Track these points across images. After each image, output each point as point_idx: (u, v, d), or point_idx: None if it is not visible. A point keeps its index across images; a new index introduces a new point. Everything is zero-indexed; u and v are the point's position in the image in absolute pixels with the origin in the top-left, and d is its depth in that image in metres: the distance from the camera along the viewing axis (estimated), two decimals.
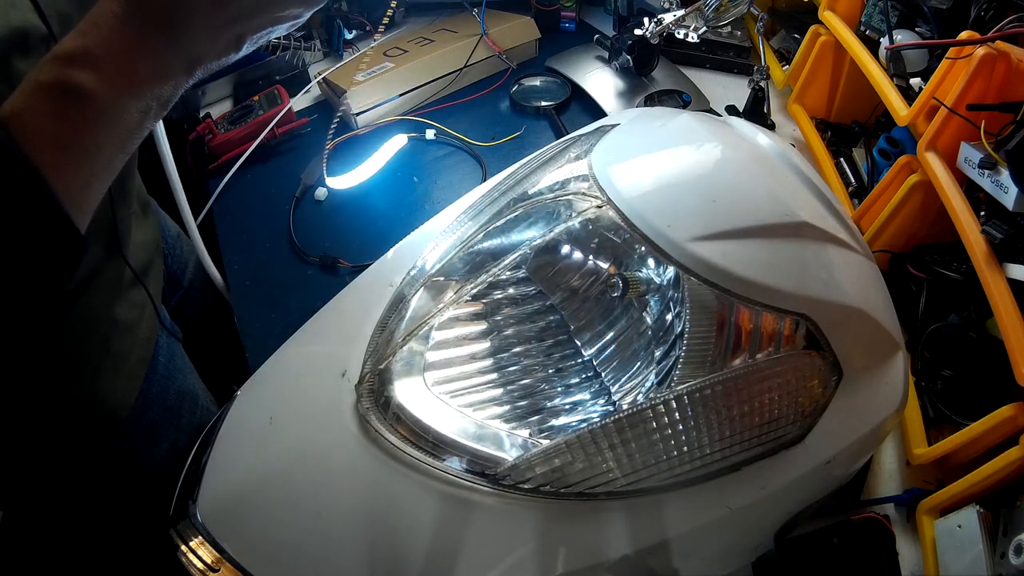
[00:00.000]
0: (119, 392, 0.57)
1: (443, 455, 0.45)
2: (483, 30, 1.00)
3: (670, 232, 0.44)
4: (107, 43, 0.33)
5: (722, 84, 0.99)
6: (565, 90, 0.98)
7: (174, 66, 0.35)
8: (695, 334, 0.44)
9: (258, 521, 0.44)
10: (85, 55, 0.32)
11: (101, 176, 0.35)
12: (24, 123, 0.31)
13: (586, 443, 0.43)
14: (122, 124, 0.34)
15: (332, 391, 0.48)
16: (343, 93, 0.92)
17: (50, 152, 0.32)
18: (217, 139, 0.89)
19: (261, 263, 0.79)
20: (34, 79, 0.32)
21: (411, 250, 0.57)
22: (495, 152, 0.90)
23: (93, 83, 0.32)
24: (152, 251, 0.64)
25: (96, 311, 0.54)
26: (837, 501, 0.53)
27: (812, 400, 0.46)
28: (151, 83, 0.34)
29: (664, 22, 0.85)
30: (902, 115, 0.63)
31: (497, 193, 0.58)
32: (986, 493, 0.48)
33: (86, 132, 0.33)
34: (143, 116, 0.35)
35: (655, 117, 0.59)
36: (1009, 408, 0.47)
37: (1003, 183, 0.50)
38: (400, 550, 0.42)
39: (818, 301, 0.44)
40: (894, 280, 0.63)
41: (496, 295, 0.57)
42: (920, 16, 0.68)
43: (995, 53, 0.54)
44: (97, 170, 0.35)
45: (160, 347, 0.62)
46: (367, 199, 0.85)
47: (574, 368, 0.54)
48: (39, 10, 0.42)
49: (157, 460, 0.63)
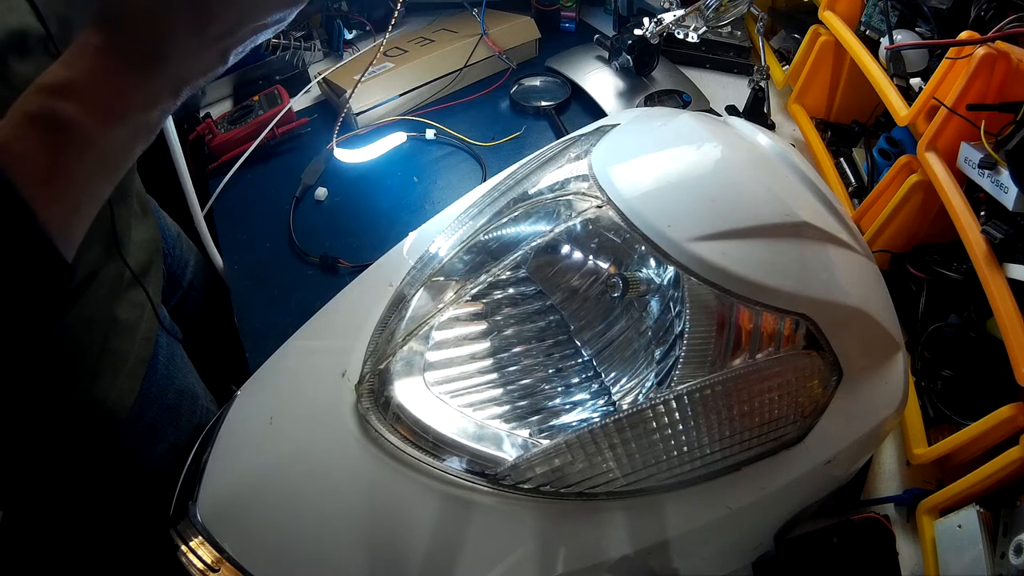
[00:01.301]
0: (119, 392, 0.57)
1: (443, 455, 0.45)
2: (483, 30, 1.00)
3: (670, 232, 0.44)
4: (90, 74, 0.32)
5: (722, 84, 0.99)
6: (565, 90, 0.98)
7: (160, 92, 0.35)
8: (695, 334, 0.44)
9: (258, 521, 0.44)
10: (69, 87, 0.32)
11: (89, 203, 0.35)
12: (11, 153, 0.31)
13: (586, 443, 0.43)
14: (109, 152, 0.34)
15: (332, 391, 0.47)
16: (343, 93, 0.92)
17: (37, 183, 0.32)
18: (217, 139, 0.89)
19: (261, 263, 0.79)
20: (21, 109, 0.32)
21: (411, 250, 0.57)
22: (495, 152, 0.90)
23: (78, 114, 0.32)
24: (152, 251, 0.64)
25: (95, 311, 0.54)
26: (837, 501, 0.53)
27: (812, 400, 0.46)
28: (137, 111, 0.34)
29: (664, 22, 0.85)
30: (902, 115, 0.63)
31: (497, 193, 0.58)
32: (986, 493, 0.48)
33: (73, 162, 0.33)
34: (131, 143, 0.35)
35: (655, 117, 0.59)
36: (1009, 408, 0.47)
37: (1003, 183, 0.50)
38: (400, 550, 0.42)
39: (818, 301, 0.44)
40: (894, 280, 0.63)
41: (496, 295, 0.57)
42: (920, 16, 0.68)
43: (995, 53, 0.54)
44: (85, 198, 0.35)
45: (160, 347, 0.62)
46: (367, 199, 0.85)
47: (574, 368, 0.54)
48: (37, 12, 0.42)
49: (157, 460, 0.63)
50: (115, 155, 0.35)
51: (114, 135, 0.34)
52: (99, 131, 0.33)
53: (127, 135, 0.35)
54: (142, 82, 0.34)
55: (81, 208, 0.35)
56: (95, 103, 0.33)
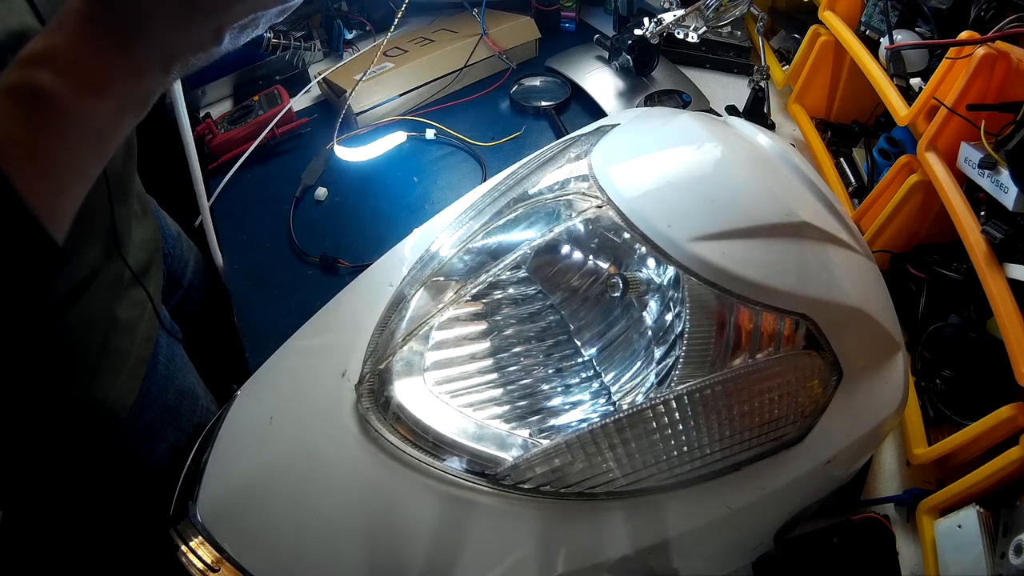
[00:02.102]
0: (119, 392, 0.57)
1: (443, 455, 0.45)
2: (483, 30, 1.00)
3: (670, 232, 0.44)
4: (70, 42, 0.31)
5: (722, 84, 0.99)
6: (565, 90, 0.98)
7: (146, 64, 0.33)
8: (695, 334, 0.44)
9: (258, 521, 0.44)
10: (47, 55, 0.31)
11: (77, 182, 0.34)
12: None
13: (586, 443, 0.43)
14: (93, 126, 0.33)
15: (332, 391, 0.48)
16: (343, 93, 0.92)
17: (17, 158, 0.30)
18: (217, 139, 0.89)
19: (261, 263, 0.79)
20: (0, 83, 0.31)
21: (411, 250, 0.57)
22: (495, 152, 0.90)
23: (56, 84, 0.31)
24: (152, 251, 0.64)
25: (95, 311, 0.54)
26: (837, 501, 0.53)
27: (812, 400, 0.46)
28: (120, 82, 0.33)
29: (664, 22, 0.85)
30: (902, 115, 0.63)
31: (497, 193, 0.58)
32: (986, 493, 0.48)
33: (55, 138, 0.31)
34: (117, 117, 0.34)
35: (655, 117, 0.60)
36: (1009, 408, 0.47)
37: (1003, 183, 0.50)
38: (400, 550, 0.42)
39: (818, 301, 0.44)
40: (894, 280, 0.63)
41: (496, 295, 0.57)
42: (920, 16, 0.68)
43: (995, 53, 0.54)
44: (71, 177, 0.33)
45: (160, 347, 0.62)
46: (367, 199, 0.85)
47: (574, 368, 0.54)
48: (36, 12, 0.42)
49: (157, 460, 0.63)
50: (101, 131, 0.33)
51: (98, 108, 0.32)
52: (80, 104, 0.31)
53: (113, 109, 0.33)
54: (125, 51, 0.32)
55: (67, 187, 0.33)
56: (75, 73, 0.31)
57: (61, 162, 0.32)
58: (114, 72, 0.32)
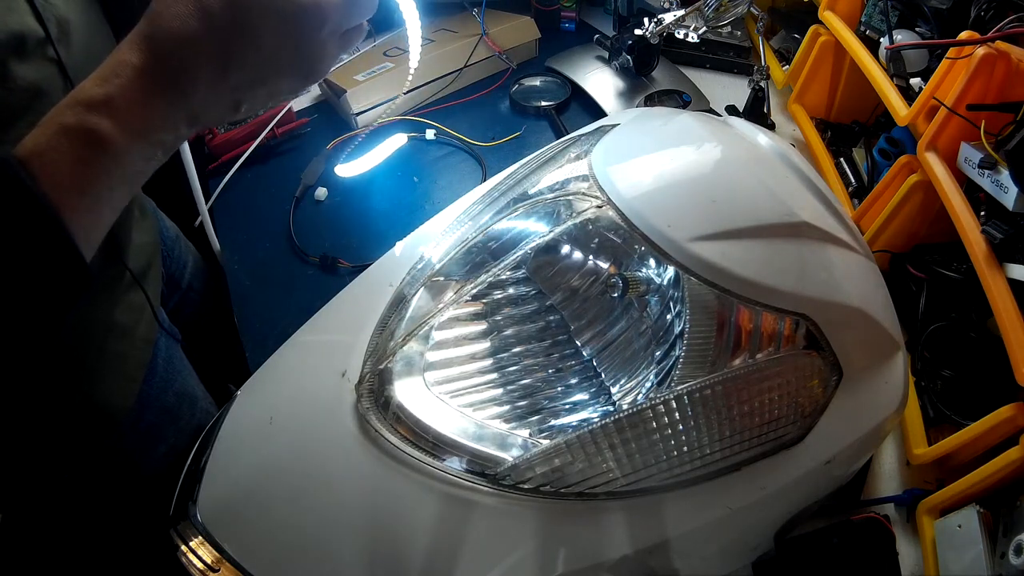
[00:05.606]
0: (118, 394, 0.57)
1: (443, 455, 0.45)
2: (483, 30, 1.00)
3: (670, 232, 0.44)
4: (126, 92, 0.34)
5: (722, 84, 0.99)
6: (565, 90, 0.98)
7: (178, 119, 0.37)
8: (695, 334, 0.44)
9: (258, 521, 0.44)
10: (107, 103, 0.34)
11: (110, 215, 0.37)
12: (45, 164, 0.33)
13: (586, 443, 0.43)
14: (132, 168, 0.36)
15: (332, 391, 0.47)
16: (343, 93, 0.92)
17: (68, 194, 0.33)
18: (217, 139, 0.89)
19: (261, 263, 0.79)
20: (56, 121, 0.34)
21: (411, 250, 0.57)
22: (495, 152, 0.90)
23: (112, 130, 0.34)
24: (150, 253, 0.63)
25: (94, 314, 0.54)
26: (837, 501, 0.53)
27: (812, 400, 0.46)
28: (158, 132, 0.36)
29: (664, 22, 0.85)
30: (902, 115, 0.63)
31: (497, 193, 0.58)
32: (986, 493, 0.48)
33: (102, 176, 0.35)
34: (151, 161, 0.38)
35: (655, 117, 0.60)
36: (1009, 408, 0.47)
37: (1003, 183, 0.50)
38: (400, 550, 0.42)
39: (818, 301, 0.44)
40: (894, 280, 0.63)
41: (496, 295, 0.57)
42: (920, 16, 0.68)
43: (995, 53, 0.54)
44: (107, 210, 0.37)
45: (159, 349, 0.62)
46: (367, 199, 0.85)
47: (574, 368, 0.54)
48: (36, 13, 0.42)
49: (156, 461, 0.63)
50: (136, 171, 0.37)
51: (139, 152, 0.36)
52: (127, 146, 0.35)
53: (150, 153, 0.37)
54: (167, 106, 0.36)
55: (103, 220, 0.37)
56: (127, 119, 0.35)
57: (103, 199, 0.36)
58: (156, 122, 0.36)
